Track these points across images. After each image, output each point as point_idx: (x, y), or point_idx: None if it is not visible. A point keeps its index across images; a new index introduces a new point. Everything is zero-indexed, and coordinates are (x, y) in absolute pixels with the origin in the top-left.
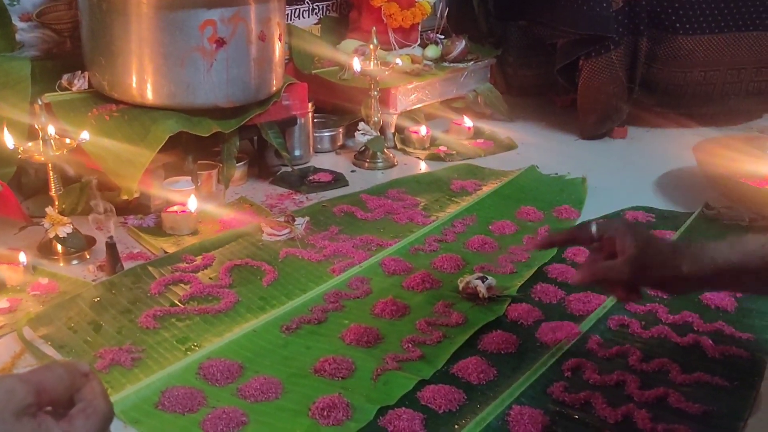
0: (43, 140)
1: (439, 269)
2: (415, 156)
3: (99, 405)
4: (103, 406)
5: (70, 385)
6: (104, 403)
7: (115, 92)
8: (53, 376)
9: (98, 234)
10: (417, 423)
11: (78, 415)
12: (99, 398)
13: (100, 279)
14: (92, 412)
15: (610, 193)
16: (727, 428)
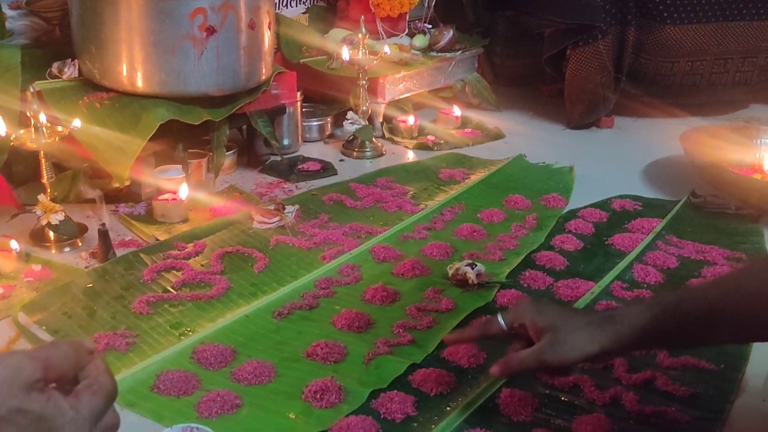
0: (35, 128)
1: (429, 256)
2: (403, 145)
3: (104, 381)
4: (108, 383)
5: (75, 363)
6: (109, 379)
7: (105, 80)
8: (59, 353)
9: (90, 221)
10: (409, 405)
11: (84, 391)
12: (104, 375)
13: (93, 266)
14: (98, 389)
15: (597, 182)
16: (714, 410)
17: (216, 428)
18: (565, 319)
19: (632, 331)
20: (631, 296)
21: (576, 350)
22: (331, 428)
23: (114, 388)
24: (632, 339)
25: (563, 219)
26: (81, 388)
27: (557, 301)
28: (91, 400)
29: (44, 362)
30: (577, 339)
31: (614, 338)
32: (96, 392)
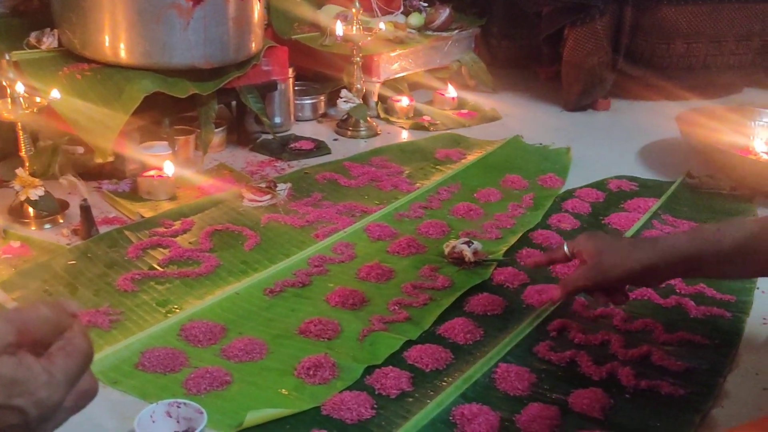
0: (12, 98)
1: (425, 235)
2: (398, 125)
3: (79, 343)
4: (83, 345)
5: (55, 326)
6: (84, 341)
7: (86, 51)
8: (38, 316)
9: (72, 198)
10: (404, 381)
11: (58, 353)
12: (79, 337)
13: (75, 243)
14: (72, 350)
15: (594, 163)
16: (708, 384)
17: (205, 404)
18: (612, 243)
19: (672, 253)
20: None
21: (618, 268)
22: (325, 404)
23: (90, 351)
24: (671, 261)
25: (560, 199)
26: (54, 350)
27: (554, 279)
28: (66, 363)
29: (20, 326)
30: (620, 259)
31: (654, 258)
32: (70, 354)
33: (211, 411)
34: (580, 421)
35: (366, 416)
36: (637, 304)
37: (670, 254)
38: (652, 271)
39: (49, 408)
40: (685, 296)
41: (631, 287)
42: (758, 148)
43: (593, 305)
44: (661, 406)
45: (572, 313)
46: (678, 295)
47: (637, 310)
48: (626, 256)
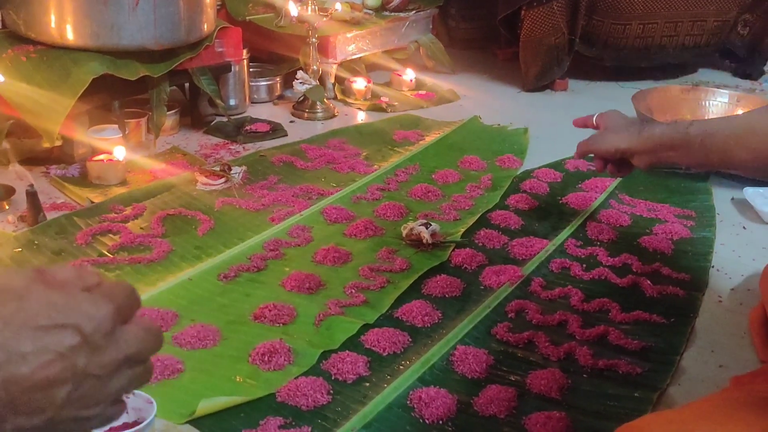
0: None
1: (382, 217)
2: (355, 107)
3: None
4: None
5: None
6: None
7: (32, 32)
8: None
9: (18, 183)
10: (361, 365)
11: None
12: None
13: (21, 230)
14: (107, 286)
15: (552, 143)
16: (664, 362)
17: (155, 394)
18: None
19: (649, 139)
20: (585, 253)
21: (607, 142)
22: (280, 391)
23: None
24: (657, 144)
25: (518, 179)
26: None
27: (512, 260)
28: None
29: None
30: (612, 134)
31: (634, 142)
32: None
33: (162, 400)
34: (538, 401)
35: (322, 402)
36: (594, 283)
37: (649, 139)
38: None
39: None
40: (642, 275)
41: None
42: None
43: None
44: (618, 385)
45: (530, 294)
46: (634, 274)
47: (594, 289)
48: (617, 134)
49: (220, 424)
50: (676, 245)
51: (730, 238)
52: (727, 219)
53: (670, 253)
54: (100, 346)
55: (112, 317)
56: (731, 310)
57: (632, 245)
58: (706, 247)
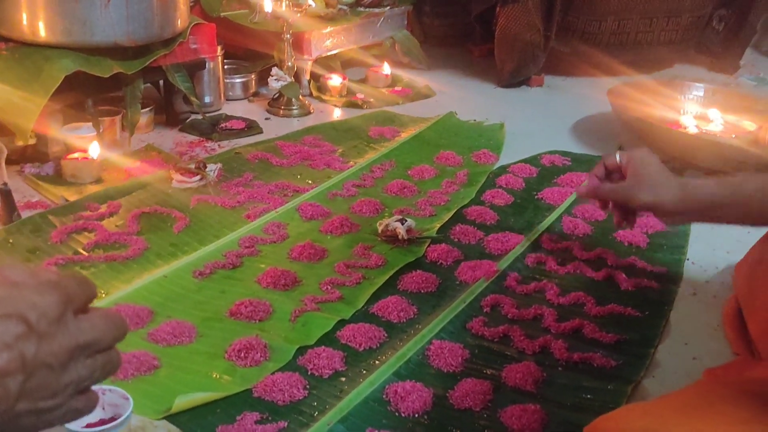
0: None
1: (358, 213)
2: (331, 104)
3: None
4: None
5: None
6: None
7: (3, 29)
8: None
9: None
10: (337, 360)
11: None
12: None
13: None
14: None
15: (527, 138)
16: (639, 355)
17: (132, 390)
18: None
19: (698, 198)
20: (560, 248)
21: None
22: (256, 386)
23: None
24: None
25: (494, 175)
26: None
27: (488, 255)
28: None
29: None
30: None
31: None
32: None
33: (138, 396)
34: (513, 395)
35: (298, 397)
36: (570, 277)
37: (697, 197)
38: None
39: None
40: (617, 269)
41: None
42: (688, 121)
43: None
44: (593, 378)
45: (505, 288)
46: (609, 268)
47: (570, 284)
48: (656, 190)
49: (196, 419)
50: (651, 239)
51: (705, 231)
52: None
53: (645, 247)
54: (48, 333)
55: (58, 304)
56: (705, 302)
57: (607, 239)
58: (681, 240)
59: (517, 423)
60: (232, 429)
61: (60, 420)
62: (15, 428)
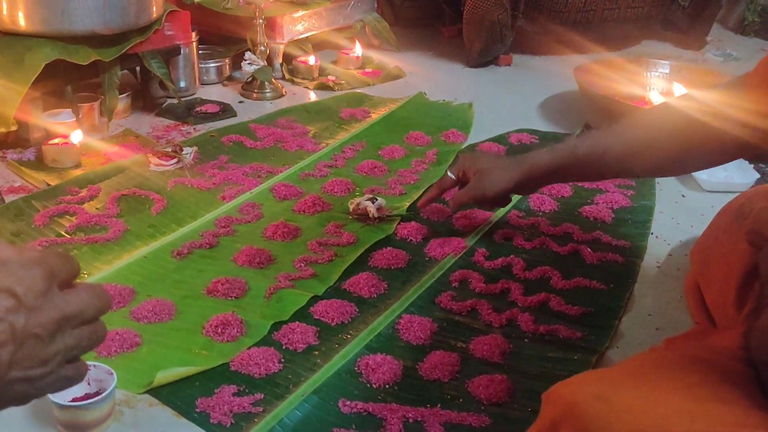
0: None
1: (330, 193)
2: (303, 86)
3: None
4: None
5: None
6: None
7: None
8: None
9: None
10: (310, 335)
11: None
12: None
13: None
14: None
15: (496, 118)
16: (603, 326)
17: (115, 366)
18: (490, 163)
19: (536, 169)
20: (527, 224)
21: (495, 186)
22: (233, 360)
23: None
24: (536, 175)
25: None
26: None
27: (456, 231)
28: (35, 252)
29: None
30: (496, 178)
31: (522, 175)
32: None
33: (121, 372)
34: (481, 366)
35: (274, 370)
36: (536, 252)
37: (535, 170)
38: (522, 185)
39: (30, 284)
40: (582, 243)
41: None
42: (654, 98)
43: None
44: (558, 349)
45: (473, 264)
46: (575, 243)
47: (536, 258)
48: (500, 176)
49: (177, 393)
50: (617, 214)
51: (669, 206)
52: (667, 188)
53: (611, 222)
54: (36, 306)
55: (44, 278)
56: (669, 275)
57: (573, 215)
58: (646, 215)
59: (484, 392)
60: (211, 401)
61: (51, 387)
62: (9, 395)
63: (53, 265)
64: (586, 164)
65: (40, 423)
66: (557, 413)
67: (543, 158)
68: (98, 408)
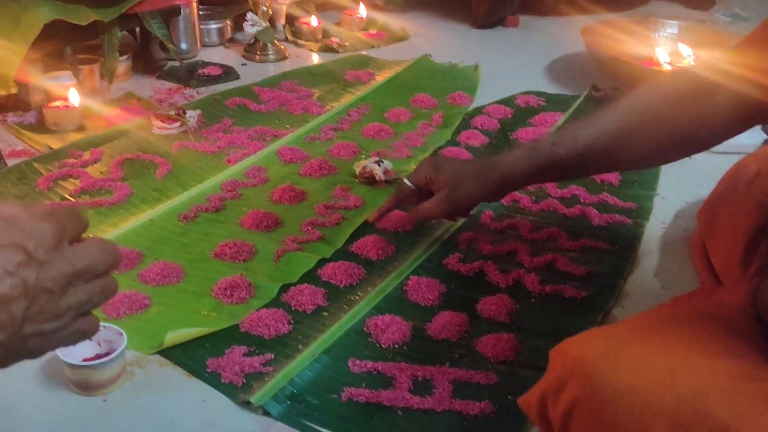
0: None
1: (336, 156)
2: (306, 48)
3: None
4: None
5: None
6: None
7: None
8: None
9: None
10: (319, 296)
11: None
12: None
13: None
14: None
15: (502, 79)
16: (609, 286)
17: (125, 327)
18: (458, 172)
19: (514, 176)
20: (535, 186)
21: (469, 197)
22: (243, 322)
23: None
24: (513, 182)
25: (469, 116)
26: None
27: None
28: (42, 207)
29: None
30: (470, 188)
31: (499, 183)
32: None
33: (131, 333)
34: (488, 325)
35: (283, 331)
36: (543, 214)
37: (511, 177)
38: (499, 192)
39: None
40: (589, 205)
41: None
42: (661, 58)
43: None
44: (564, 309)
45: (481, 226)
46: (582, 205)
47: (543, 220)
48: (473, 187)
49: (187, 353)
50: (623, 176)
51: (674, 167)
52: None
53: (617, 184)
54: (47, 260)
55: (54, 233)
56: (675, 235)
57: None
58: (652, 176)
59: (491, 351)
60: (222, 361)
61: (65, 341)
62: (24, 349)
63: (63, 220)
64: (568, 163)
65: (52, 383)
66: (564, 370)
67: (519, 164)
68: (109, 368)
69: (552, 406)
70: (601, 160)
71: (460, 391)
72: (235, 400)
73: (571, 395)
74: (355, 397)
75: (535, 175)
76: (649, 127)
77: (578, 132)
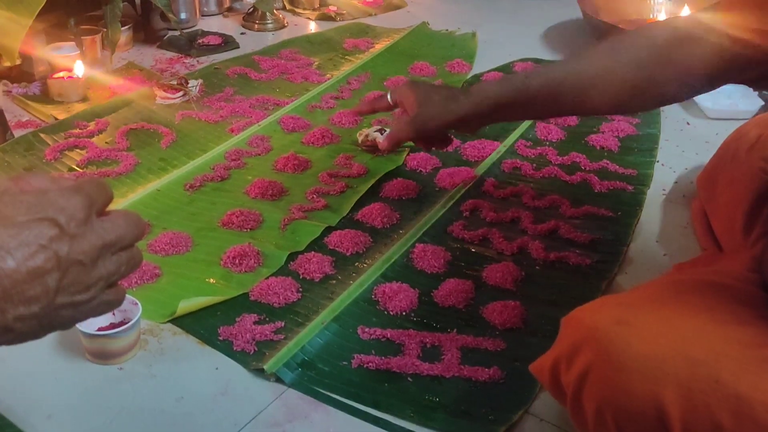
0: None
1: (338, 125)
2: (305, 17)
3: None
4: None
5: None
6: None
7: None
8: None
9: None
10: (326, 264)
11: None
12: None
13: None
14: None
15: (500, 47)
16: (612, 252)
17: (138, 297)
18: (431, 95)
19: (484, 102)
20: (535, 153)
21: (435, 120)
22: (252, 290)
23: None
24: (483, 109)
25: (467, 84)
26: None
27: (465, 161)
28: (72, 181)
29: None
30: (437, 111)
31: (468, 109)
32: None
33: (144, 302)
34: (494, 292)
35: (292, 299)
36: (545, 181)
37: (483, 103)
38: (467, 120)
39: (72, 212)
40: (590, 172)
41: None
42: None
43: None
44: (569, 275)
45: (483, 193)
46: (583, 172)
47: (545, 187)
48: (443, 108)
49: (199, 322)
50: (623, 142)
51: (674, 134)
52: (672, 116)
53: (617, 150)
54: (78, 234)
55: (84, 207)
56: (675, 202)
57: (580, 144)
58: (652, 143)
59: (498, 318)
60: (233, 329)
61: (95, 311)
62: (57, 320)
63: (91, 193)
64: (539, 99)
65: (68, 352)
66: (577, 337)
67: (490, 92)
68: (125, 337)
69: (565, 372)
70: (570, 99)
71: (468, 358)
72: (247, 367)
73: (585, 362)
74: (365, 364)
75: (504, 107)
76: (621, 69)
77: (552, 68)
